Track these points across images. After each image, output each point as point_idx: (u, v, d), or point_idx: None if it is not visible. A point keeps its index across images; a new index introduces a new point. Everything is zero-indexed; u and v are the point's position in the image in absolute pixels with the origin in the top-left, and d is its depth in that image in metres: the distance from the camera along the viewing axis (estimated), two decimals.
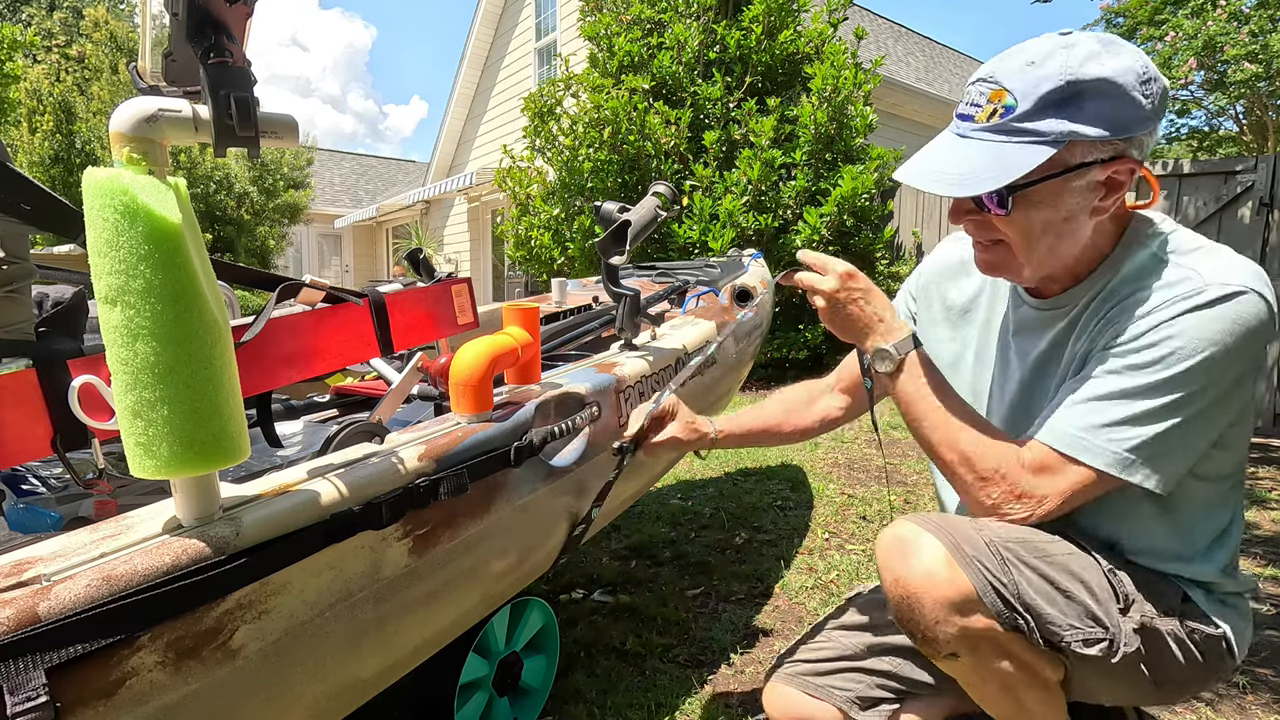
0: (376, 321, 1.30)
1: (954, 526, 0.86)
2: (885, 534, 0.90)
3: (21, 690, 0.57)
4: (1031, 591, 0.83)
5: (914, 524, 0.88)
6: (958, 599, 0.81)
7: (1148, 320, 0.82)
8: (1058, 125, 0.80)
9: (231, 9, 0.70)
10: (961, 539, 0.84)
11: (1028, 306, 0.99)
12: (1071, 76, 0.79)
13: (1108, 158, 0.81)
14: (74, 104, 11.29)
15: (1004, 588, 0.82)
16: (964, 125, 0.87)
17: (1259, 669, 1.61)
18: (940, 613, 0.82)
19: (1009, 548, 0.84)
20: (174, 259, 0.65)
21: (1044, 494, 0.85)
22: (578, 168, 5.66)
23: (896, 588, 0.85)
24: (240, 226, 12.36)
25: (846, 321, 0.97)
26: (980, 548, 0.83)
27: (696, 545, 2.31)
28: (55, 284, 1.19)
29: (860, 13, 10.49)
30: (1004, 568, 0.82)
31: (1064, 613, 0.83)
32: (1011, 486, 0.86)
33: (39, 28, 17.07)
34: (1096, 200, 0.84)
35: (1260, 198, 4.19)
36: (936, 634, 0.83)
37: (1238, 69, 6.19)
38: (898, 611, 0.86)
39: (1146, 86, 0.80)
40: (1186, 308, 0.80)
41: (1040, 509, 0.86)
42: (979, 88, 0.85)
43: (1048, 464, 0.85)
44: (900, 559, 0.85)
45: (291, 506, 0.79)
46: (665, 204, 1.56)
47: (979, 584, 0.81)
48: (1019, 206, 0.85)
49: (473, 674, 1.26)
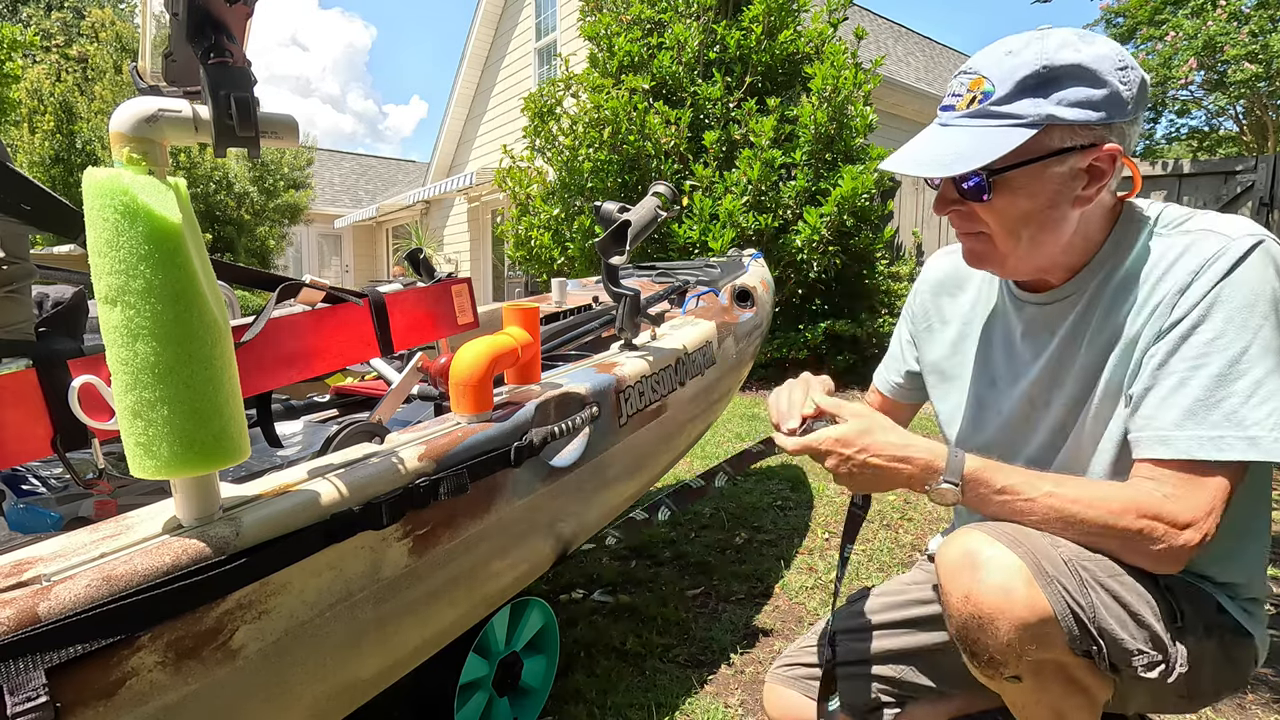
0: (376, 321, 1.30)
1: (1032, 541, 0.80)
2: (951, 545, 0.83)
3: (21, 690, 0.57)
4: (1107, 615, 0.78)
5: (985, 535, 0.80)
6: (1034, 621, 0.75)
7: (1195, 290, 0.79)
8: (1035, 108, 0.80)
9: (231, 9, 0.70)
10: (1041, 555, 0.78)
11: (1031, 305, 0.97)
12: (1047, 61, 0.80)
13: (1087, 144, 0.81)
14: (75, 104, 11.29)
15: (1082, 611, 0.76)
16: (945, 115, 0.88)
17: (1259, 669, 1.61)
18: (1015, 635, 0.76)
19: (1086, 567, 0.79)
20: (174, 259, 0.65)
21: (1205, 510, 0.77)
22: (578, 168, 5.66)
23: (966, 605, 0.78)
24: (240, 226, 12.36)
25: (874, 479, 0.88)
26: (1060, 566, 0.78)
27: (696, 545, 2.31)
28: (55, 284, 1.19)
29: (860, 13, 10.49)
30: (1083, 589, 0.77)
31: (1134, 637, 0.79)
32: (1171, 521, 0.77)
33: (38, 28, 17.07)
34: (1079, 189, 0.83)
35: (1260, 198, 4.19)
36: (1006, 656, 0.77)
37: (1238, 69, 6.19)
38: (963, 630, 0.79)
39: (1123, 74, 0.80)
40: (1228, 266, 0.78)
41: (1208, 528, 0.77)
42: (960, 79, 0.87)
43: (1192, 480, 0.78)
44: (971, 574, 0.78)
45: (291, 506, 0.79)
46: (665, 204, 1.56)
47: (1059, 607, 0.76)
48: (999, 192, 0.85)
49: (473, 674, 1.26)
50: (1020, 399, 0.98)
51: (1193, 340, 0.79)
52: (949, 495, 0.84)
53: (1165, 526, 0.77)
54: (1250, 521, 0.89)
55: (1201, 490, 0.78)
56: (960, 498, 0.84)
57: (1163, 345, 0.81)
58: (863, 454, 0.87)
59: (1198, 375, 0.78)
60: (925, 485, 0.85)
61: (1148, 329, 0.83)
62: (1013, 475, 0.84)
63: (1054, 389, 0.94)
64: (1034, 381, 0.96)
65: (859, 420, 0.89)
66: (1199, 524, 0.77)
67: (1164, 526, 0.77)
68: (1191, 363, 0.79)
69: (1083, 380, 0.90)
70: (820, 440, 0.89)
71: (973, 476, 0.83)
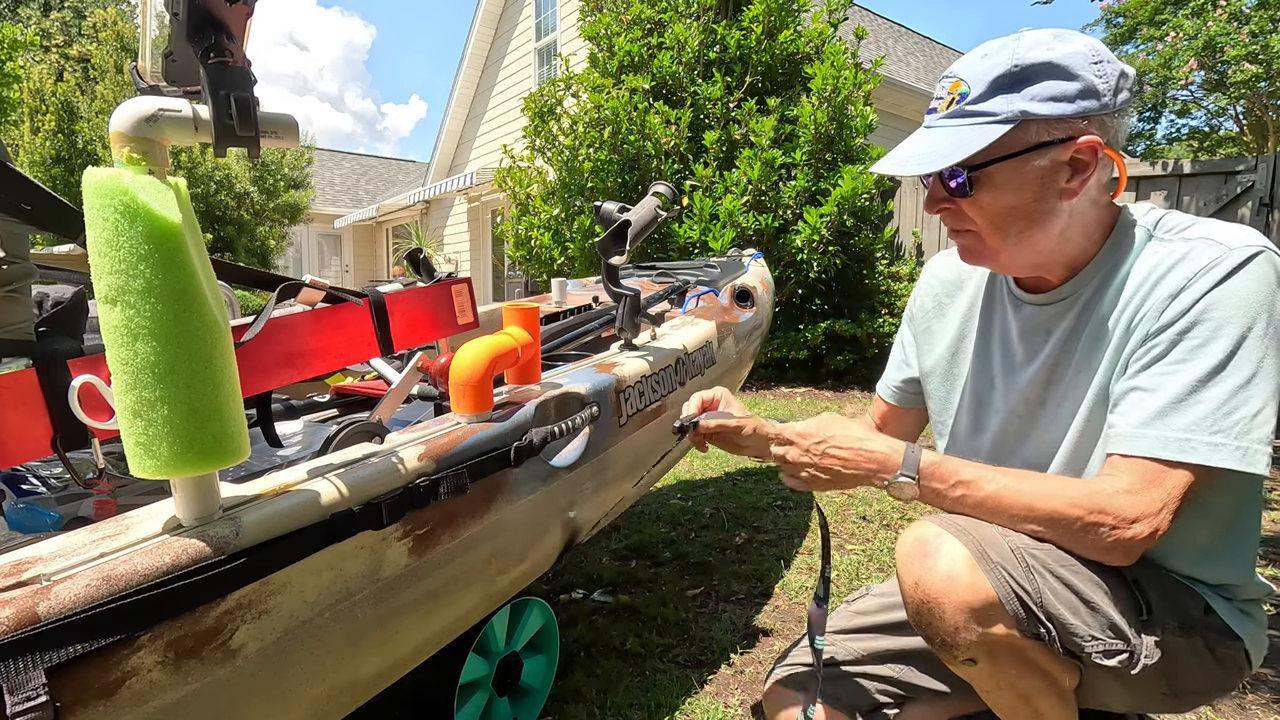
0: (376, 321, 1.30)
1: (980, 530, 0.83)
2: (906, 536, 0.87)
3: (21, 690, 0.57)
4: (1055, 600, 0.81)
5: (937, 525, 0.85)
6: (979, 604, 0.79)
7: (1186, 296, 0.80)
8: (1007, 105, 0.83)
9: (231, 9, 0.70)
10: (986, 543, 0.82)
11: (1029, 305, 0.98)
12: (1018, 61, 0.82)
13: (1065, 137, 0.83)
14: (76, 104, 11.30)
15: (1027, 595, 0.80)
16: (929, 118, 0.91)
17: (1259, 669, 1.61)
18: (960, 618, 0.80)
19: (1034, 555, 0.82)
20: (174, 259, 0.65)
21: (1156, 508, 0.79)
22: (578, 168, 5.66)
23: (916, 591, 0.83)
24: (240, 226, 12.36)
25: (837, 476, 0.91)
26: (1005, 553, 0.81)
27: (696, 545, 2.31)
28: (55, 284, 1.19)
29: (860, 13, 10.49)
30: (1029, 574, 0.80)
31: (1087, 623, 0.81)
32: (1119, 515, 0.80)
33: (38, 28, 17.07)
34: (1063, 182, 0.85)
35: (1260, 198, 4.19)
36: (956, 640, 0.81)
37: (1238, 69, 6.19)
38: (916, 615, 0.84)
39: (1098, 67, 0.82)
40: (1222, 274, 0.79)
41: (1157, 524, 0.79)
42: (943, 83, 0.90)
43: (1150, 477, 0.80)
44: (920, 561, 0.83)
45: (291, 506, 0.79)
46: (665, 204, 1.56)
47: (1002, 590, 0.79)
48: (981, 188, 0.87)
49: (473, 674, 1.26)
50: (1017, 399, 0.98)
51: (1179, 345, 0.81)
52: (907, 490, 0.87)
53: (1113, 520, 0.80)
54: (1243, 523, 0.89)
55: (1157, 488, 0.80)
56: (917, 492, 0.87)
57: (1148, 348, 0.83)
58: (823, 445, 0.90)
59: (1176, 378, 0.80)
60: (884, 480, 0.88)
61: (1137, 331, 0.84)
62: (967, 470, 0.87)
63: (1050, 389, 0.95)
64: (1031, 381, 0.97)
65: (820, 418, 0.94)
66: (1148, 519, 0.79)
67: (1112, 520, 0.80)
68: (1172, 366, 0.81)
69: (1078, 381, 0.91)
70: (785, 430, 0.94)
71: (928, 471, 0.87)
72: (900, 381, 1.21)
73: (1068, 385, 0.92)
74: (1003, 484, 0.85)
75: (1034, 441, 0.97)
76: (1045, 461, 0.95)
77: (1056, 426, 0.94)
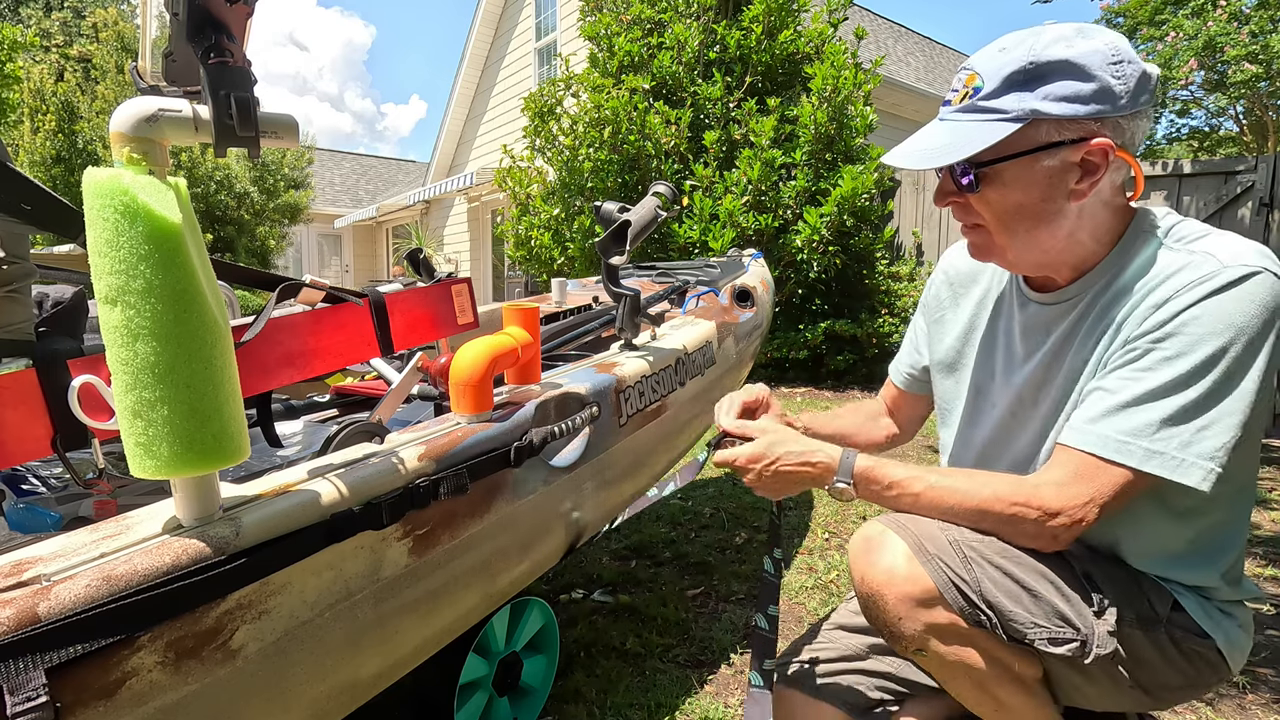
0: (376, 321, 1.30)
1: (920, 526, 0.88)
2: (856, 535, 0.92)
3: (21, 690, 0.57)
4: (994, 588, 0.83)
5: (881, 524, 0.89)
6: (919, 595, 0.83)
7: (1169, 308, 0.80)
8: (1020, 103, 0.82)
9: (232, 9, 0.70)
10: (925, 537, 0.86)
11: (1034, 304, 0.98)
12: (1034, 57, 0.81)
13: (1076, 138, 0.82)
14: (77, 104, 11.29)
15: (965, 584, 0.83)
16: (943, 110, 0.91)
17: (1259, 669, 1.61)
18: (902, 609, 0.84)
19: (973, 546, 0.85)
20: (174, 259, 0.65)
21: (1082, 501, 0.82)
22: (578, 168, 5.66)
23: (862, 585, 0.88)
24: (240, 226, 12.36)
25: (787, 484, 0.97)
26: (943, 545, 0.85)
27: (696, 545, 2.31)
28: (55, 284, 1.19)
29: (860, 13, 10.49)
30: (966, 565, 0.84)
31: (1029, 611, 0.84)
32: (1043, 507, 0.83)
33: (38, 28, 17.07)
34: (1073, 183, 0.84)
35: (1260, 198, 4.19)
36: (901, 629, 0.85)
37: (1238, 69, 6.19)
38: (865, 609, 0.89)
39: (1117, 67, 0.80)
40: (1207, 291, 0.79)
41: (1082, 515, 0.82)
42: (959, 75, 0.89)
43: (1083, 471, 0.82)
44: (865, 557, 0.88)
45: (291, 506, 0.79)
46: (665, 204, 1.56)
47: (939, 580, 0.83)
48: (989, 185, 0.86)
49: (473, 674, 1.26)
50: (1013, 396, 0.99)
51: (1150, 354, 0.81)
52: (846, 493, 0.93)
53: (1036, 512, 0.83)
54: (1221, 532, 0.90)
55: (1087, 482, 0.82)
56: (854, 494, 0.93)
57: (1124, 352, 0.83)
58: (772, 465, 0.96)
59: (1137, 384, 0.81)
60: (826, 485, 0.94)
61: (1120, 336, 0.85)
62: (898, 471, 0.92)
63: (1042, 389, 0.95)
64: (1026, 380, 0.97)
65: (765, 436, 0.98)
66: (1070, 511, 0.82)
67: (1035, 511, 0.83)
68: (1138, 372, 0.82)
69: (1065, 383, 0.91)
70: (735, 456, 0.99)
71: (862, 475, 0.92)
72: (910, 367, 1.23)
73: (1058, 386, 0.93)
74: (932, 481, 0.89)
75: (1023, 440, 0.97)
76: (1031, 460, 0.96)
77: (1043, 426, 0.94)
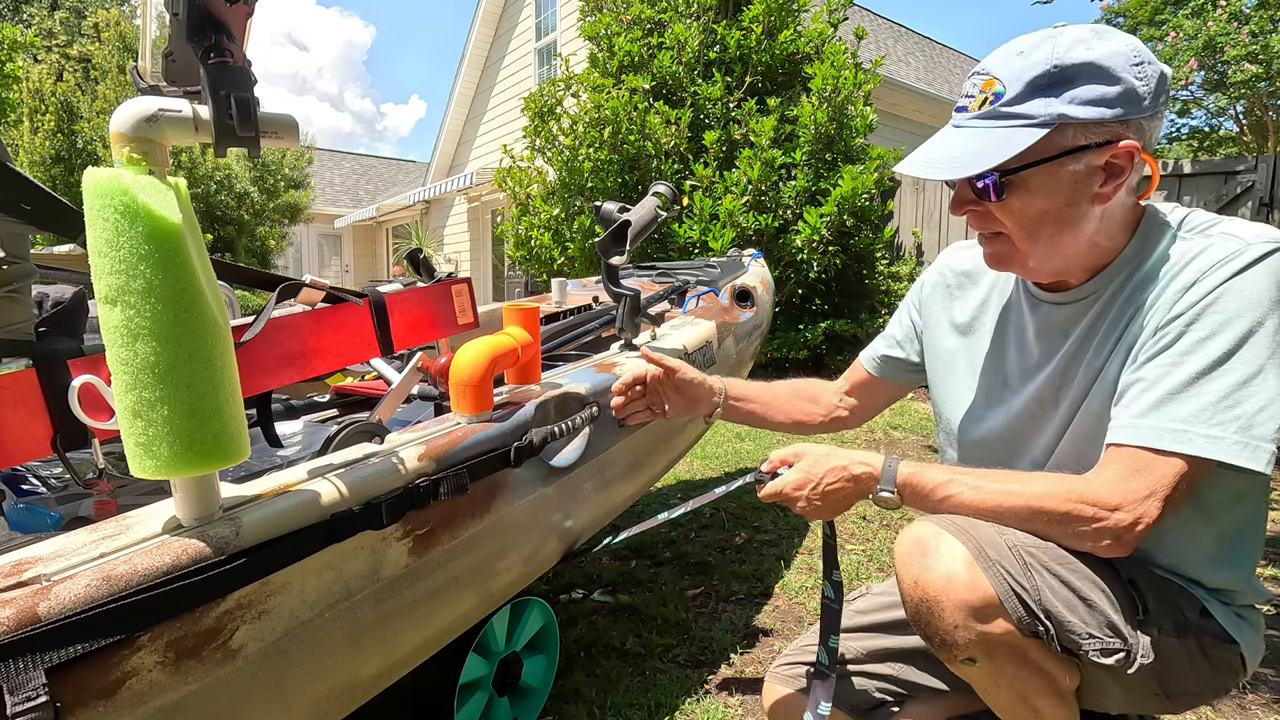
0: (376, 321, 1.30)
1: (978, 530, 0.83)
2: (904, 535, 0.87)
3: (21, 690, 0.57)
4: (1053, 598, 0.80)
5: (934, 525, 0.85)
6: (978, 603, 0.79)
7: (1198, 289, 0.79)
8: (1046, 108, 0.80)
9: (232, 9, 0.70)
10: (984, 541, 0.81)
11: (1047, 305, 0.96)
12: (1058, 61, 0.80)
13: (1102, 141, 0.81)
14: (77, 103, 11.29)
15: (1025, 592, 0.79)
16: (959, 116, 0.88)
17: (1259, 669, 1.61)
18: (959, 617, 0.79)
19: (1032, 552, 0.82)
20: (174, 259, 0.65)
21: (1141, 495, 0.78)
22: (578, 168, 5.66)
23: (915, 590, 0.83)
24: (240, 226, 12.36)
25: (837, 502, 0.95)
26: (1003, 551, 0.81)
27: (696, 545, 2.31)
28: (55, 284, 1.19)
29: (860, 13, 10.49)
30: (1026, 572, 0.80)
31: (1085, 621, 0.81)
32: (1099, 501, 0.79)
33: (39, 28, 17.07)
34: (1097, 186, 0.83)
35: (1260, 198, 4.19)
36: (955, 638, 0.81)
37: (1238, 69, 6.19)
38: (915, 614, 0.84)
39: (1139, 69, 0.80)
40: (1236, 268, 0.78)
41: (1142, 511, 0.78)
42: (972, 80, 0.87)
43: (1138, 465, 0.79)
44: (920, 561, 0.83)
45: (291, 506, 0.79)
46: (665, 204, 1.56)
47: (1000, 588, 0.79)
48: (1014, 192, 0.85)
49: (473, 674, 1.26)
50: (1030, 398, 0.97)
51: (1185, 336, 0.79)
52: (890, 501, 0.90)
53: (1093, 509, 0.79)
54: (1246, 529, 0.89)
55: (1144, 476, 0.78)
56: (899, 502, 0.90)
57: (1156, 339, 0.82)
58: (818, 488, 0.95)
59: (1179, 370, 0.79)
60: (870, 496, 0.92)
61: (1149, 324, 0.83)
62: (941, 474, 0.89)
63: (1063, 389, 0.93)
64: (1045, 382, 0.95)
65: (803, 460, 0.97)
66: (1129, 507, 0.78)
67: (1091, 509, 0.80)
68: (1177, 357, 0.79)
69: (1087, 380, 0.90)
70: (781, 487, 0.97)
71: (905, 482, 0.89)
72: (883, 356, 1.23)
73: (1080, 383, 0.91)
74: (976, 483, 0.86)
75: (1042, 440, 0.96)
76: (1049, 460, 0.95)
77: (1062, 424, 0.93)
